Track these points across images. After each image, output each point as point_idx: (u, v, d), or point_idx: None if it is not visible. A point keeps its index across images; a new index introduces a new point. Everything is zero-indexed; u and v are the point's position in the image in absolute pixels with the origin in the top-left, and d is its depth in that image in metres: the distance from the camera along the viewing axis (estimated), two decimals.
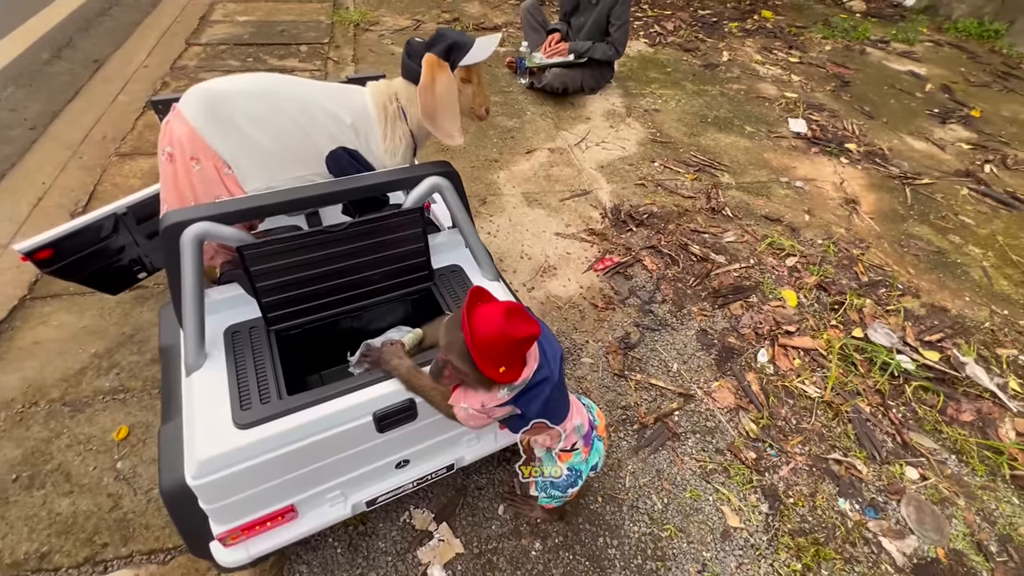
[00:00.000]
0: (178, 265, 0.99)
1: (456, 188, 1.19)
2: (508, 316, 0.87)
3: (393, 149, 1.29)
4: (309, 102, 1.19)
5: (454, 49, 1.22)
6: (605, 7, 3.16)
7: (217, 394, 0.97)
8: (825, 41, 4.89)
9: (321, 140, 1.20)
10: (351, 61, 3.63)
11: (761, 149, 3.18)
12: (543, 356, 0.99)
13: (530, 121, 3.19)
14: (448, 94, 1.22)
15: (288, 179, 1.18)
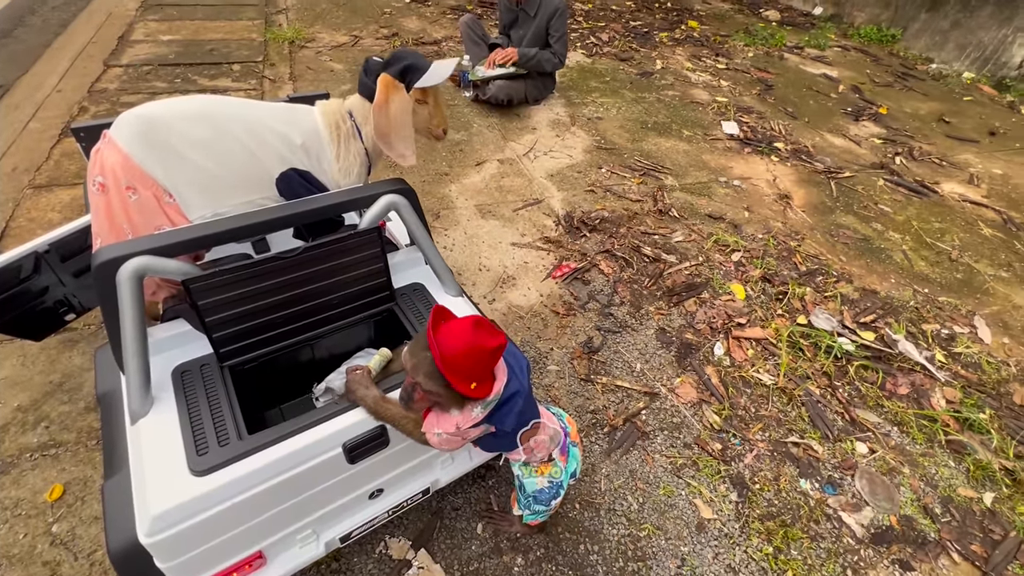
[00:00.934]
0: (115, 305, 0.91)
1: (412, 205, 1.17)
2: (475, 329, 0.85)
3: (347, 169, 1.25)
4: (256, 123, 1.14)
5: (410, 70, 1.20)
6: (543, 20, 3.23)
7: (168, 441, 0.90)
8: (747, 48, 5.21)
9: (270, 162, 1.14)
10: (288, 79, 3.52)
11: (699, 151, 3.33)
12: (510, 369, 0.98)
13: (478, 133, 3.19)
14: (402, 115, 1.20)
15: (236, 204, 1.12)
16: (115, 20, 4.06)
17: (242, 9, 4.54)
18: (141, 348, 0.92)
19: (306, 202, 1.10)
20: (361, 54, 4.03)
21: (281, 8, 4.70)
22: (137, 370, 0.92)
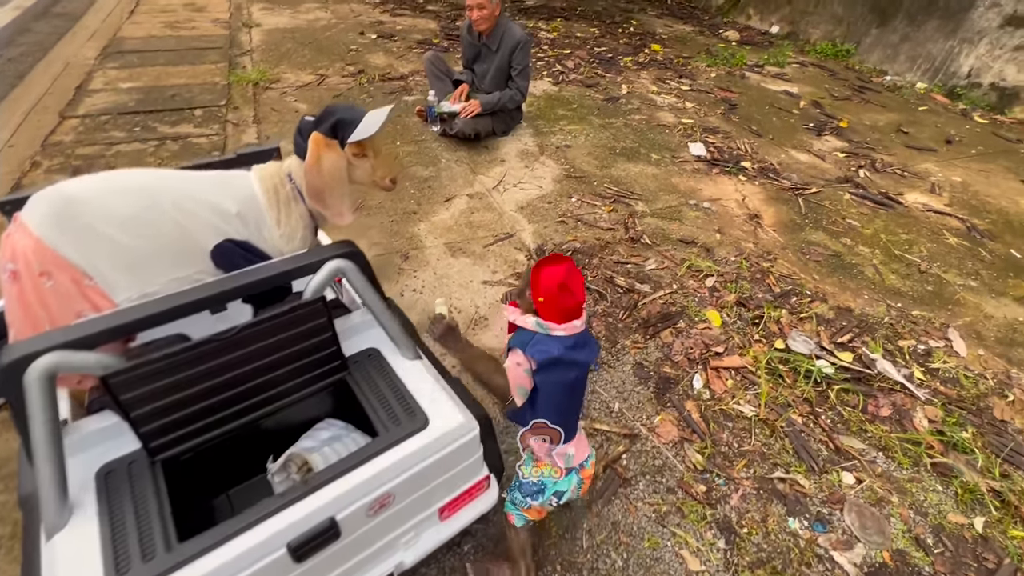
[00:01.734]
0: (23, 408, 0.82)
1: (361, 267, 1.10)
2: (568, 274, 1.03)
3: (290, 234, 1.18)
4: (184, 195, 1.06)
5: (341, 125, 1.15)
6: (506, 53, 3.23)
7: (86, 559, 0.80)
8: (710, 69, 5.32)
9: (203, 235, 1.07)
10: (252, 122, 3.46)
11: (668, 175, 3.33)
12: (580, 350, 1.08)
13: (446, 168, 3.15)
14: (335, 173, 1.14)
15: (167, 282, 1.04)
16: (73, 70, 3.97)
17: (205, 53, 4.49)
18: (55, 454, 0.83)
19: (244, 274, 1.02)
20: (327, 93, 3.99)
21: (245, 50, 4.67)
22: (51, 480, 0.83)
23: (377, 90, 4.12)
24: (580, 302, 1.06)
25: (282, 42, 4.93)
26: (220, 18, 5.43)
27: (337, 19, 5.79)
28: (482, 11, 3.06)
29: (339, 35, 5.26)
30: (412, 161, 3.20)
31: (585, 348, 1.10)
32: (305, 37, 5.11)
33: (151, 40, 4.66)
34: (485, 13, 3.07)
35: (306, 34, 5.20)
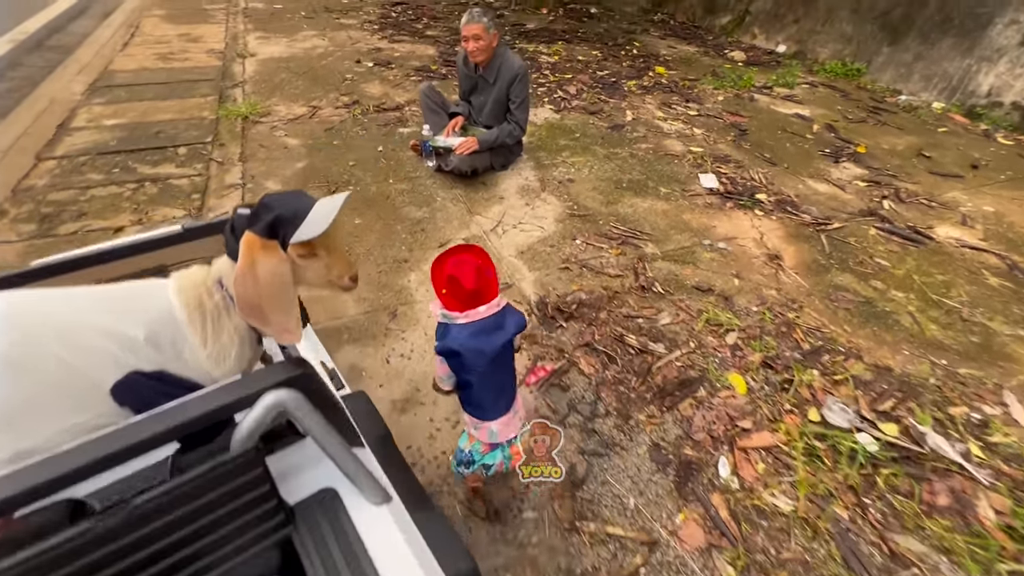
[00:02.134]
0: None
1: (313, 396, 0.86)
2: (458, 264, 1.13)
3: (221, 355, 0.94)
4: (72, 325, 0.82)
5: (281, 223, 0.91)
6: (504, 85, 3.04)
7: None
8: (717, 92, 5.12)
9: (99, 371, 0.83)
10: (238, 160, 3.27)
11: (679, 210, 3.10)
12: (488, 335, 1.16)
13: (441, 208, 2.94)
14: (275, 282, 0.89)
15: (55, 434, 0.81)
16: (57, 106, 3.82)
17: (196, 85, 4.35)
18: None
19: (156, 419, 0.79)
20: (318, 126, 3.81)
21: (238, 81, 4.52)
22: None
23: (371, 122, 3.94)
24: (472, 289, 1.12)
25: (276, 72, 4.79)
26: (215, 48, 5.31)
27: (334, 47, 5.66)
28: (478, 42, 2.87)
29: (335, 63, 5.12)
30: (405, 201, 2.99)
31: (495, 332, 1.16)
32: (300, 66, 4.97)
33: (142, 73, 4.53)
34: (482, 44, 2.88)
35: (301, 63, 5.06)
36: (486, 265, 1.15)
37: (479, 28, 2.83)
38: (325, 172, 3.21)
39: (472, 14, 2.84)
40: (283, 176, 3.14)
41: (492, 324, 1.16)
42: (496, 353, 1.18)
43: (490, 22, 2.84)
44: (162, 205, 2.79)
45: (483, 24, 2.82)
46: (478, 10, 2.85)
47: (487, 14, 2.85)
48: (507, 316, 1.21)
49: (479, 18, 2.82)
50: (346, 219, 2.78)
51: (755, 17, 7.06)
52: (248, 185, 3.02)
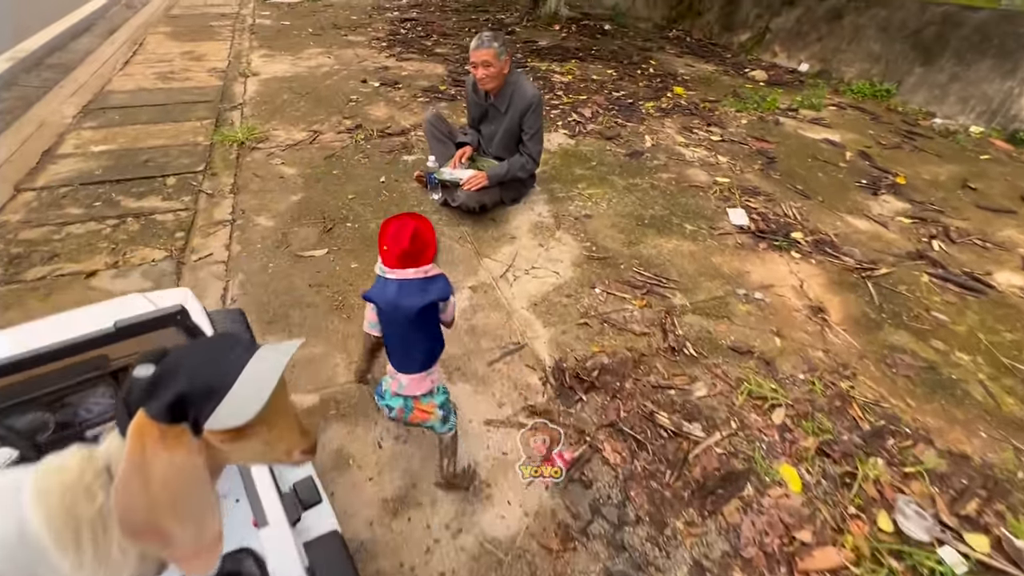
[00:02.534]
0: None
1: None
2: (398, 229, 1.24)
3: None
4: None
5: (193, 400, 0.62)
6: (516, 115, 2.78)
7: None
8: (740, 114, 4.83)
9: None
10: (229, 192, 3.03)
11: (707, 252, 2.80)
12: (408, 296, 1.25)
13: (446, 250, 2.67)
14: (179, 481, 0.58)
15: None
16: (45, 131, 3.62)
17: (193, 108, 4.14)
18: None
19: None
20: (318, 153, 3.58)
21: (237, 103, 4.31)
22: None
23: (374, 148, 3.70)
24: (405, 250, 1.22)
25: (278, 93, 4.58)
26: (217, 67, 5.13)
27: (340, 65, 5.46)
28: (488, 69, 2.62)
29: (340, 83, 4.91)
30: None
31: (418, 295, 1.24)
32: (303, 86, 4.76)
33: (139, 94, 4.33)
34: (492, 71, 2.63)
35: (305, 83, 4.85)
36: (425, 232, 1.26)
37: (489, 54, 2.57)
38: (321, 206, 2.96)
39: (482, 38, 2.59)
40: (276, 210, 2.89)
41: (417, 287, 1.25)
42: (414, 314, 1.25)
43: (502, 47, 2.59)
44: (142, 245, 2.54)
45: (494, 50, 2.57)
46: (489, 34, 2.59)
47: (499, 38, 2.59)
48: (434, 283, 1.28)
49: (489, 43, 2.57)
50: (340, 263, 2.51)
51: (775, 35, 6.78)
52: (238, 221, 2.77)
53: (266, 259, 2.50)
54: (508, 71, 2.72)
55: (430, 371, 1.38)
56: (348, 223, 2.82)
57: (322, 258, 2.53)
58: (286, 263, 2.48)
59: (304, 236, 2.69)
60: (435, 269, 1.30)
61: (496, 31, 2.61)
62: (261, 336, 2.06)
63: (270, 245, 2.60)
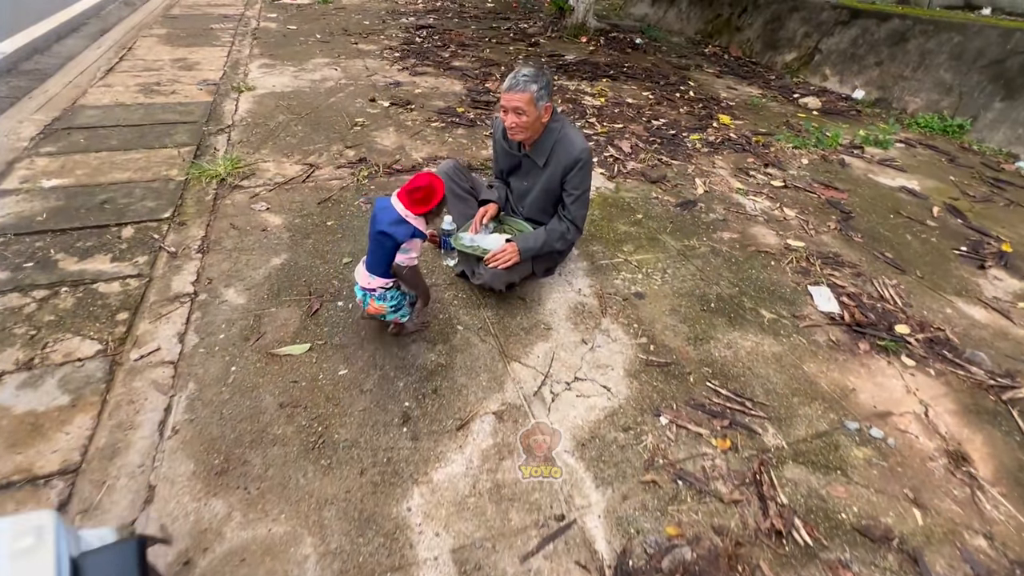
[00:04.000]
0: None
1: None
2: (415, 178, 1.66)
3: None
4: None
5: None
6: (558, 172, 2.15)
7: None
8: (798, 152, 4.17)
9: None
10: (197, 252, 2.42)
11: (795, 354, 2.16)
12: (381, 215, 1.69)
13: (462, 346, 2.04)
14: None
15: None
16: None
17: (173, 130, 3.54)
18: None
19: None
20: (312, 195, 2.96)
21: (225, 124, 3.71)
22: None
23: (379, 189, 3.08)
24: (406, 189, 1.66)
25: (273, 113, 3.97)
26: (210, 78, 4.53)
27: (347, 79, 4.85)
28: (520, 118, 1.99)
29: (345, 101, 4.29)
30: (413, 334, 2.10)
31: (384, 218, 1.68)
32: (303, 105, 4.15)
33: (114, 111, 3.74)
34: (524, 121, 2.00)
35: (305, 101, 4.24)
36: (430, 193, 1.66)
37: (524, 99, 1.95)
38: (309, 274, 2.34)
39: (517, 78, 1.96)
40: (251, 280, 2.27)
41: (391, 215, 1.68)
42: (375, 231, 1.70)
43: (542, 90, 1.96)
44: (71, 332, 1.94)
45: (530, 94, 1.94)
46: (528, 72, 1.96)
47: (540, 78, 1.96)
48: (402, 225, 1.67)
49: (526, 85, 1.94)
50: (324, 367, 1.89)
51: (826, 56, 6.10)
52: (201, 296, 2.16)
53: (229, 359, 1.89)
54: (550, 118, 2.09)
55: (372, 278, 1.77)
56: (339, 302, 2.20)
57: (302, 359, 1.91)
58: (255, 366, 1.87)
59: (282, 321, 2.07)
60: (416, 220, 1.67)
61: (539, 69, 1.97)
62: (206, 498, 1.45)
63: (237, 336, 1.98)
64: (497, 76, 5.24)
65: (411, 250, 1.73)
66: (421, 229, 1.71)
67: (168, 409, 1.69)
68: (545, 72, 2.00)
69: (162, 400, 1.71)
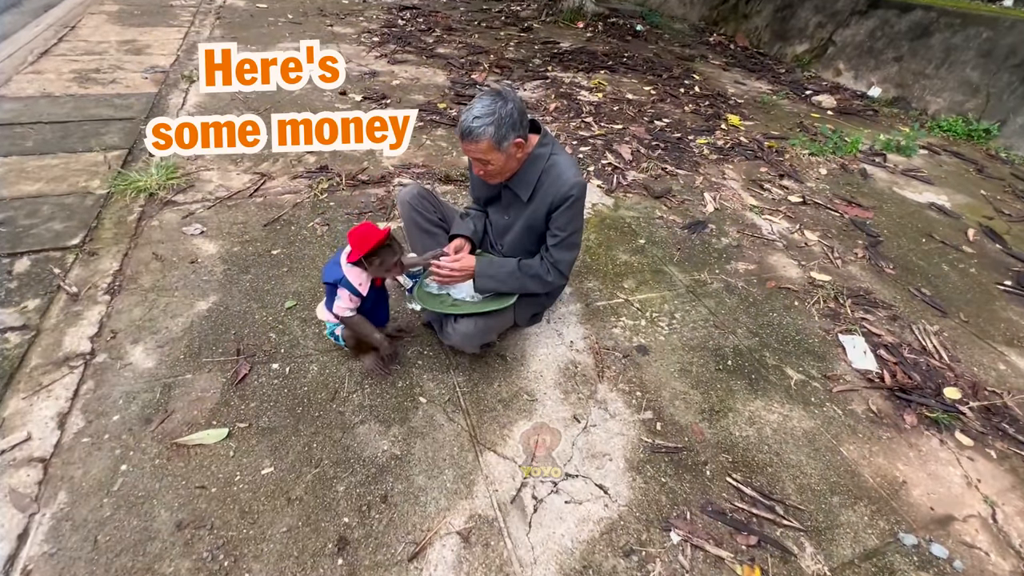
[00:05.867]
0: None
1: None
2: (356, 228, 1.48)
3: None
4: None
5: None
6: (543, 208, 1.69)
7: None
8: (815, 160, 3.73)
9: None
10: (106, 291, 1.95)
11: (831, 431, 1.77)
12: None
13: (424, 429, 1.61)
14: None
15: None
16: None
17: (105, 128, 3.02)
18: None
19: None
20: (258, 213, 2.49)
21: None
22: None
23: (339, 207, 2.61)
24: (350, 234, 1.49)
25: (227, 107, 3.45)
26: (159, 65, 3.97)
27: None
28: (488, 167, 1.56)
29: (311, 95, 3.77)
30: (364, 403, 1.66)
31: (334, 256, 1.60)
32: (262, 98, 3.62)
33: (38, 104, 3.21)
34: (493, 169, 1.58)
35: (265, 93, 3.71)
36: (360, 241, 1.46)
37: (481, 149, 1.50)
38: (240, 324, 1.89)
39: (468, 121, 1.48)
40: (166, 333, 1.82)
41: (331, 261, 1.59)
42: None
43: (504, 129, 1.48)
44: None
45: (487, 141, 1.48)
46: (482, 110, 1.47)
47: (499, 113, 1.47)
48: (332, 266, 1.58)
49: (481, 130, 1.47)
50: (243, 463, 1.46)
51: (840, 49, 5.61)
52: (98, 357, 1.71)
53: (121, 452, 1.45)
54: (537, 145, 1.64)
55: (326, 312, 1.65)
56: (274, 364, 1.76)
57: (216, 451, 1.48)
58: (153, 463, 1.43)
59: (198, 394, 1.63)
60: (346, 268, 1.53)
61: (496, 96, 1.52)
62: None
63: (136, 417, 1.54)
64: (485, 66, 4.72)
65: (340, 299, 1.55)
66: (349, 279, 1.51)
67: (23, 536, 1.26)
68: (508, 96, 1.52)
69: (17, 522, 1.28)
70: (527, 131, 1.60)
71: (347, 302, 1.56)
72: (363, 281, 1.55)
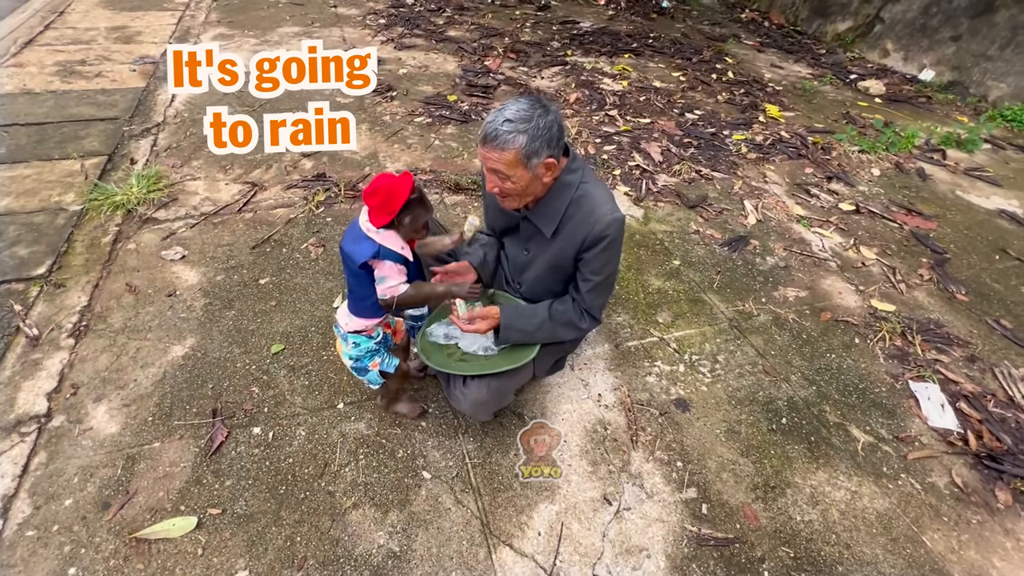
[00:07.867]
0: None
1: None
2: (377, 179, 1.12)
3: None
4: None
5: None
6: (571, 247, 1.37)
7: None
8: (866, 158, 3.32)
9: None
10: (70, 332, 1.71)
11: (909, 513, 1.47)
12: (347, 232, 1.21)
13: (427, 517, 1.35)
14: None
15: None
16: None
17: (86, 130, 2.74)
18: None
19: None
20: (246, 233, 2.21)
21: (153, 123, 2.90)
22: None
23: (336, 223, 2.32)
24: (367, 192, 1.13)
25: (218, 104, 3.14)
26: (149, 55, 3.66)
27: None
28: (505, 183, 1.23)
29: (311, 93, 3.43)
30: (358, 477, 1.41)
31: (348, 237, 1.20)
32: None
33: (16, 102, 2.94)
34: (510, 188, 1.24)
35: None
36: (392, 196, 1.11)
37: (505, 159, 1.18)
38: (220, 374, 1.63)
39: (496, 123, 1.17)
40: (134, 389, 1.57)
41: (355, 231, 1.19)
42: (342, 250, 1.21)
43: (538, 143, 1.16)
44: None
45: (516, 151, 1.16)
46: (515, 112, 1.16)
47: (535, 122, 1.16)
48: (363, 241, 1.17)
49: (511, 137, 1.15)
50: (214, 560, 1.22)
51: (889, 27, 5.06)
52: (55, 421, 1.47)
53: (71, 550, 1.22)
54: (558, 176, 1.32)
55: (351, 318, 1.29)
56: (256, 428, 1.50)
57: (182, 547, 1.24)
58: (105, 567, 1.20)
59: (166, 469, 1.39)
60: (380, 235, 1.16)
61: (535, 102, 1.18)
62: None
63: (91, 501, 1.31)
64: (499, 51, 4.31)
65: (386, 276, 1.20)
66: (389, 246, 1.16)
67: None
68: (550, 107, 1.21)
69: None
70: (561, 152, 1.29)
71: (396, 275, 1.21)
72: (403, 244, 1.20)
